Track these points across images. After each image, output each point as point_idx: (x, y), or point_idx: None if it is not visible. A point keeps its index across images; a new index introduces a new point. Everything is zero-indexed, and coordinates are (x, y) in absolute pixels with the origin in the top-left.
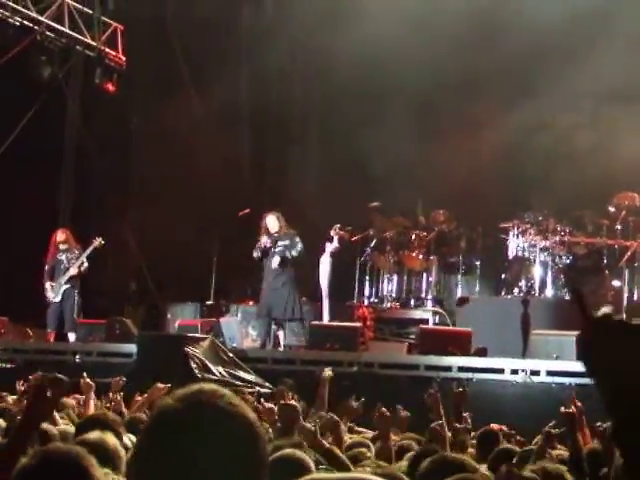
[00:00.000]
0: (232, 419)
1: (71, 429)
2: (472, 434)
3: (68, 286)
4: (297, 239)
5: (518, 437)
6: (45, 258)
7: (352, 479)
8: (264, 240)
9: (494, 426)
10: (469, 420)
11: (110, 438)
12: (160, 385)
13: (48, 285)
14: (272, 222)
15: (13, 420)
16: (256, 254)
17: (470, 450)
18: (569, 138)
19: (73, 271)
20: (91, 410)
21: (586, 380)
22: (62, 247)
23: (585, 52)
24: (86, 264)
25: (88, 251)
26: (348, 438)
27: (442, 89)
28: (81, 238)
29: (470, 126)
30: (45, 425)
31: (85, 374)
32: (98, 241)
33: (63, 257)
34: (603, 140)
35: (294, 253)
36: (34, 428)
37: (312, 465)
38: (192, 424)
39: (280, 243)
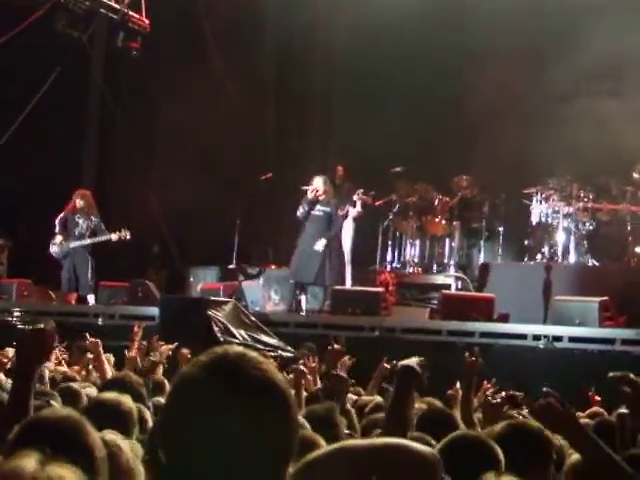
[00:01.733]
0: (261, 388)
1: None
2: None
3: (76, 246)
4: (338, 212)
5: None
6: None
7: (385, 444)
8: (308, 199)
9: (514, 393)
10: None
11: (126, 400)
12: (185, 351)
13: (59, 238)
14: (319, 184)
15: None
16: (300, 212)
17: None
18: (593, 104)
19: (87, 242)
20: (106, 368)
21: (607, 346)
22: (80, 207)
23: (610, 18)
24: (104, 240)
25: (111, 237)
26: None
27: (466, 55)
28: (104, 202)
29: (494, 92)
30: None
31: (87, 335)
32: (124, 234)
33: (80, 221)
34: (628, 106)
35: (330, 220)
36: (29, 377)
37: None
38: (218, 395)
39: (321, 207)
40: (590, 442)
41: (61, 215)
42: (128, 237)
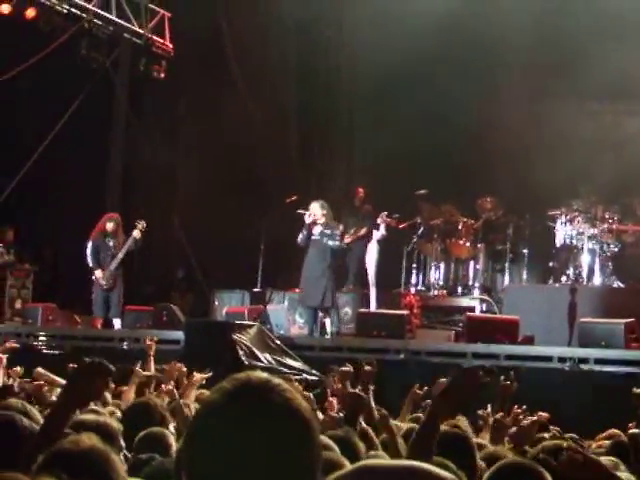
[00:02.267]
0: (284, 416)
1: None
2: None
3: (117, 272)
4: (337, 232)
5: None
6: (89, 236)
7: (407, 466)
8: (306, 225)
9: (542, 415)
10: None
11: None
12: (198, 376)
13: (99, 273)
14: (315, 209)
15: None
16: (299, 238)
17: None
18: (617, 124)
19: (120, 256)
20: (131, 394)
21: (634, 368)
22: (110, 229)
23: (634, 35)
24: (132, 247)
25: (134, 236)
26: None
27: (491, 77)
28: (128, 225)
29: (517, 113)
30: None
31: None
32: (141, 224)
33: (111, 244)
34: None
35: (331, 243)
36: (71, 411)
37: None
38: (239, 422)
39: (320, 230)
40: None
41: (90, 245)
42: (145, 226)
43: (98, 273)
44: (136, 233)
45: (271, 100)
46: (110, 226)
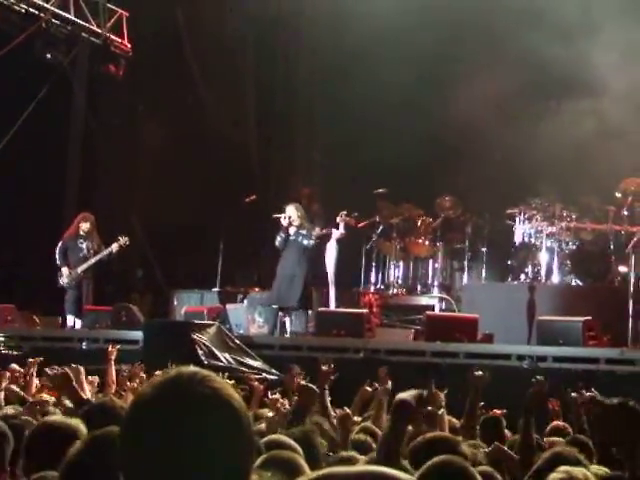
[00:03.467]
0: (213, 405)
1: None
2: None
3: (84, 274)
4: (313, 232)
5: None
6: (60, 236)
7: (368, 472)
8: (283, 228)
9: (496, 412)
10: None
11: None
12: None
13: (65, 270)
14: (291, 212)
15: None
16: (277, 241)
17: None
18: (575, 124)
19: (92, 262)
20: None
21: (592, 366)
22: (85, 230)
23: (590, 35)
24: (104, 258)
25: (112, 248)
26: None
27: (449, 76)
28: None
29: (477, 112)
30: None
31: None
32: (123, 240)
33: (84, 245)
34: (609, 125)
35: (305, 242)
36: None
37: (305, 467)
38: (169, 413)
39: (295, 231)
40: None
41: (60, 244)
42: (127, 242)
43: (64, 270)
44: (115, 247)
45: (230, 99)
46: (85, 226)
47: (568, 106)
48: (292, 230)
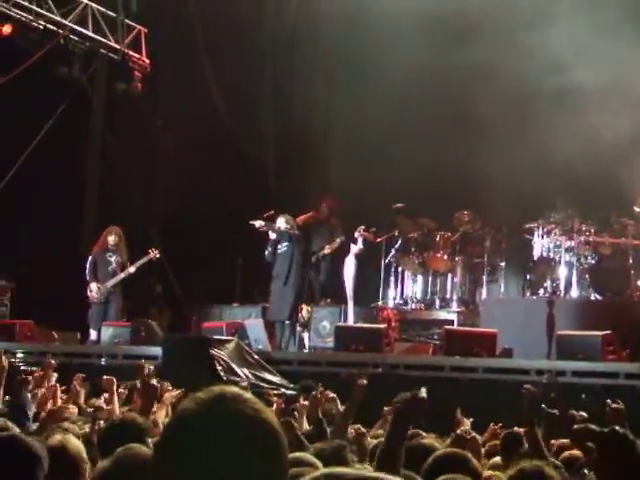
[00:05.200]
0: (254, 425)
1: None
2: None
3: (114, 289)
4: (301, 241)
5: None
6: (89, 251)
7: (367, 477)
8: (271, 241)
9: (519, 430)
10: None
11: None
12: (168, 394)
13: (95, 286)
14: (281, 224)
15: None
16: (266, 253)
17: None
18: (595, 138)
19: (122, 276)
20: (116, 407)
21: (611, 380)
22: (113, 243)
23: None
24: (133, 272)
25: (142, 261)
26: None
27: (468, 94)
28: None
29: (493, 126)
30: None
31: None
32: (154, 253)
33: (112, 259)
34: (629, 140)
35: (296, 253)
36: None
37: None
38: (212, 429)
39: (286, 244)
40: None
41: (90, 259)
42: (157, 255)
43: (93, 286)
44: (145, 259)
45: (248, 117)
46: (112, 239)
47: (588, 120)
48: (282, 243)
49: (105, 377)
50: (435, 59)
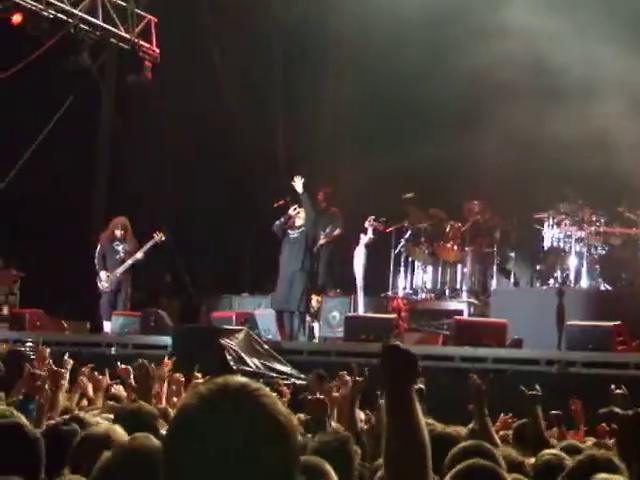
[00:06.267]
0: (258, 420)
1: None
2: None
3: (123, 277)
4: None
5: None
6: (97, 241)
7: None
8: (287, 215)
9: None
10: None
11: (118, 430)
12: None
13: (104, 275)
14: (302, 214)
15: None
16: (275, 226)
17: None
18: (605, 128)
19: (130, 262)
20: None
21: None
22: (119, 235)
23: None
24: (141, 257)
25: (148, 246)
26: None
27: (478, 84)
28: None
29: (504, 116)
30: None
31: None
32: (159, 236)
33: (120, 247)
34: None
35: (309, 241)
36: None
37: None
38: (215, 428)
39: (298, 230)
40: None
41: (98, 249)
42: (163, 238)
43: (102, 275)
44: (150, 243)
45: (258, 108)
46: (120, 230)
47: (598, 110)
48: (295, 229)
49: (122, 366)
50: (443, 53)
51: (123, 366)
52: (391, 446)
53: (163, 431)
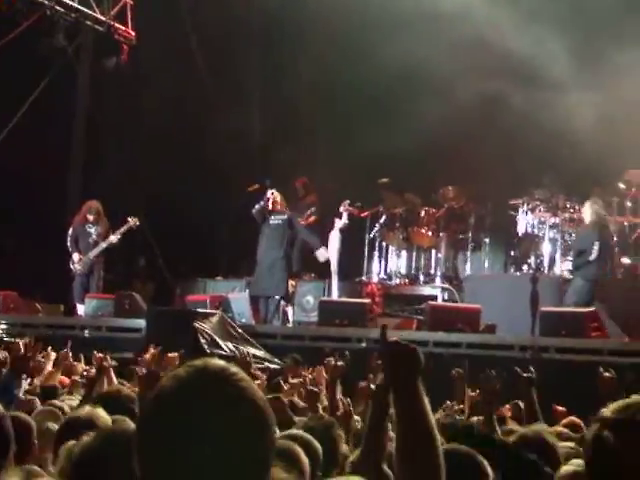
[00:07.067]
0: (237, 403)
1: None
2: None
3: (95, 260)
4: (294, 220)
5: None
6: (64, 222)
7: None
8: (266, 199)
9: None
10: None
11: (100, 413)
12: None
13: (77, 257)
14: (279, 198)
15: None
16: (255, 209)
17: None
18: (577, 114)
19: (103, 246)
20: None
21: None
22: (92, 219)
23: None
24: (115, 241)
25: (123, 230)
26: None
27: (454, 66)
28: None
29: (480, 103)
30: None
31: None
32: (133, 221)
33: (92, 230)
34: (614, 116)
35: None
36: None
37: (302, 456)
38: (192, 412)
39: (278, 217)
40: None
41: (70, 231)
42: (137, 223)
43: (75, 257)
44: (124, 229)
45: (235, 90)
46: (92, 213)
47: (571, 97)
48: (277, 213)
49: (97, 354)
50: (422, 37)
51: (99, 355)
52: (406, 442)
53: None
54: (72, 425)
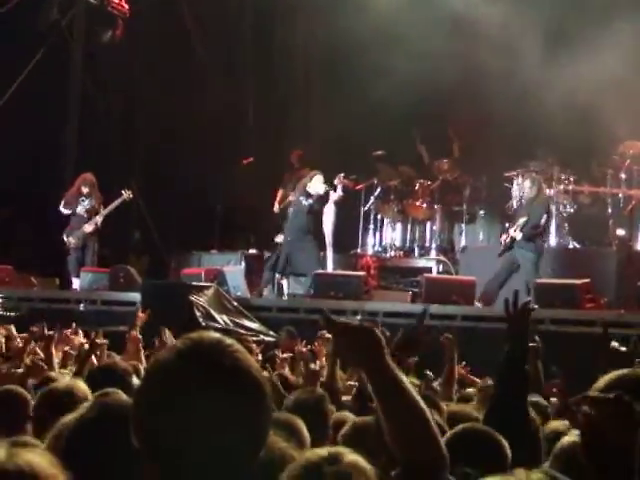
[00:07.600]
0: (233, 375)
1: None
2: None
3: (89, 234)
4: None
5: None
6: (58, 196)
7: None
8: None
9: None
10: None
11: (80, 385)
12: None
13: (71, 231)
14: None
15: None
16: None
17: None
18: (574, 86)
19: (99, 219)
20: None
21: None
22: (85, 192)
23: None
24: (108, 214)
25: (116, 203)
26: None
27: (447, 39)
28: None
29: (476, 77)
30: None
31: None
32: (127, 194)
33: (86, 203)
34: (610, 88)
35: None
36: None
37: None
38: (189, 383)
39: (310, 200)
40: None
41: (62, 205)
42: (131, 196)
43: (69, 231)
44: (118, 201)
45: (228, 62)
46: (86, 187)
47: (567, 70)
48: (303, 197)
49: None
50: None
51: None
52: (393, 423)
53: None
54: (51, 396)
